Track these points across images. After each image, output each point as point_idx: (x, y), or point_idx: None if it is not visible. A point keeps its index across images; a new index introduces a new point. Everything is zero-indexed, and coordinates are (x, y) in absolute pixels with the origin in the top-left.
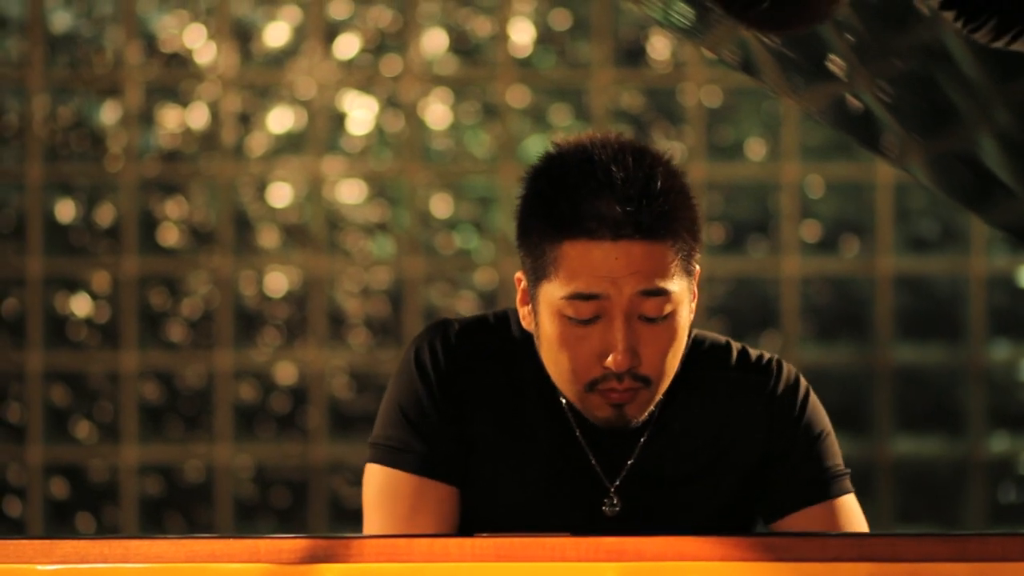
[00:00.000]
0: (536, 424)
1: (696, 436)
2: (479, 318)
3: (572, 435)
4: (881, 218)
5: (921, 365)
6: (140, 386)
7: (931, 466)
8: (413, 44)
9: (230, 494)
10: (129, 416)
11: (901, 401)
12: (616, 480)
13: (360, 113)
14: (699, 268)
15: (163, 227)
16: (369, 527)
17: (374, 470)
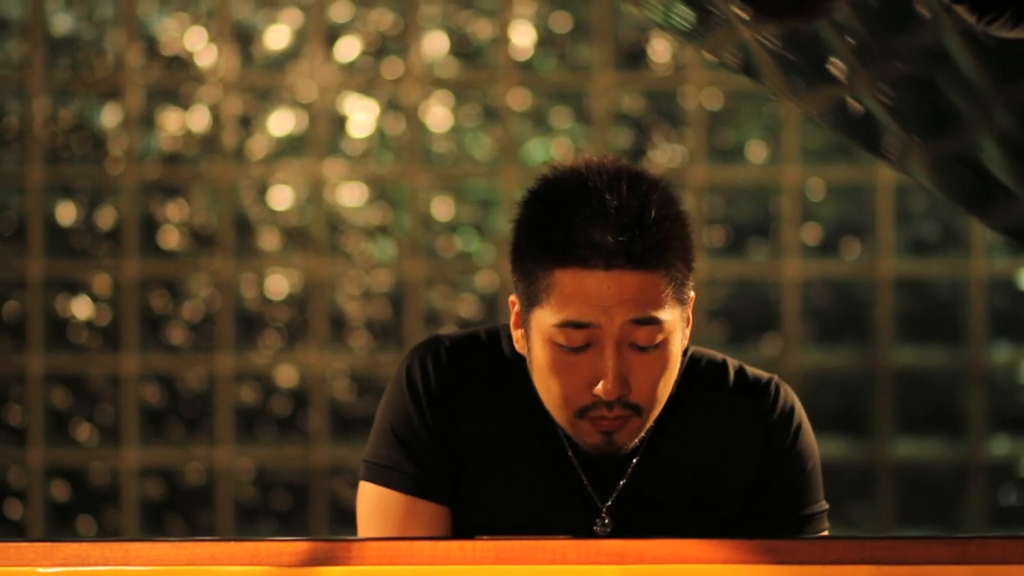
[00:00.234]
0: (527, 444)
1: (689, 458)
2: (470, 335)
3: (564, 455)
4: (882, 221)
5: (922, 367)
6: (141, 389)
7: (932, 468)
8: (414, 47)
9: (231, 497)
10: (130, 419)
11: (902, 403)
12: (608, 500)
13: (361, 116)
14: (693, 295)
15: (164, 230)
16: None
17: (367, 488)
